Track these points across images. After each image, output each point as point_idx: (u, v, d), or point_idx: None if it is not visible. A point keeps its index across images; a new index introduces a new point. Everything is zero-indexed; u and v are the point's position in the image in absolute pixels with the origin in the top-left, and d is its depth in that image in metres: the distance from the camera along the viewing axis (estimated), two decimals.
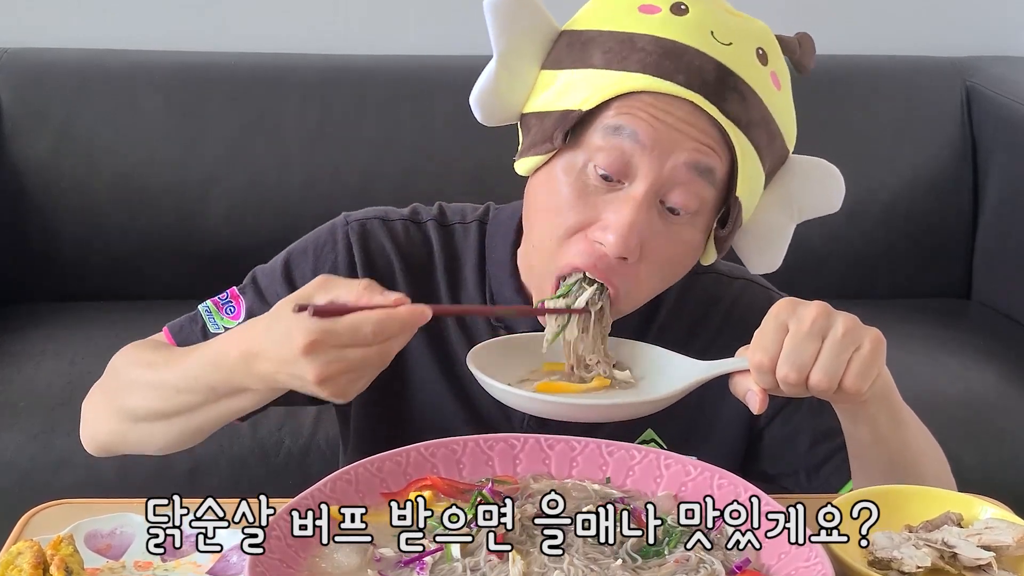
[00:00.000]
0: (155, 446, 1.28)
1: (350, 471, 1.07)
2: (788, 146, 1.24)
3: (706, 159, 1.16)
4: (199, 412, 1.20)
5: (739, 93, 1.16)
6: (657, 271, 1.21)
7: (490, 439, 1.14)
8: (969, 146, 2.78)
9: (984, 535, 1.05)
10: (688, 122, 1.15)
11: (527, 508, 1.04)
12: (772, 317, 1.10)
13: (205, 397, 1.18)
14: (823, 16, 2.92)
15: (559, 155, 1.19)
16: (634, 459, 1.13)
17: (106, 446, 1.33)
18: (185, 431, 1.24)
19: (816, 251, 2.67)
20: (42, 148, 2.55)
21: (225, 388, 1.16)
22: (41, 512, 1.15)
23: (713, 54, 1.16)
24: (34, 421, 2.11)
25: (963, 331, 2.64)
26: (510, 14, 1.19)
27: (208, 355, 1.17)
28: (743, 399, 1.14)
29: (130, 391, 1.26)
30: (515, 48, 1.20)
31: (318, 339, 1.02)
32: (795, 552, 0.99)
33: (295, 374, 1.05)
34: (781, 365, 1.07)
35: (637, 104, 1.15)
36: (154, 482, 2.07)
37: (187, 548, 1.08)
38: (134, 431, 1.27)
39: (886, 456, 1.22)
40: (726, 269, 1.38)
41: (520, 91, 1.23)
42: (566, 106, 1.18)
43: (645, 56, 1.15)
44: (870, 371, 1.08)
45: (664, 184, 1.16)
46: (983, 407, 2.31)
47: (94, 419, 1.33)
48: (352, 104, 2.60)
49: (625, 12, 1.18)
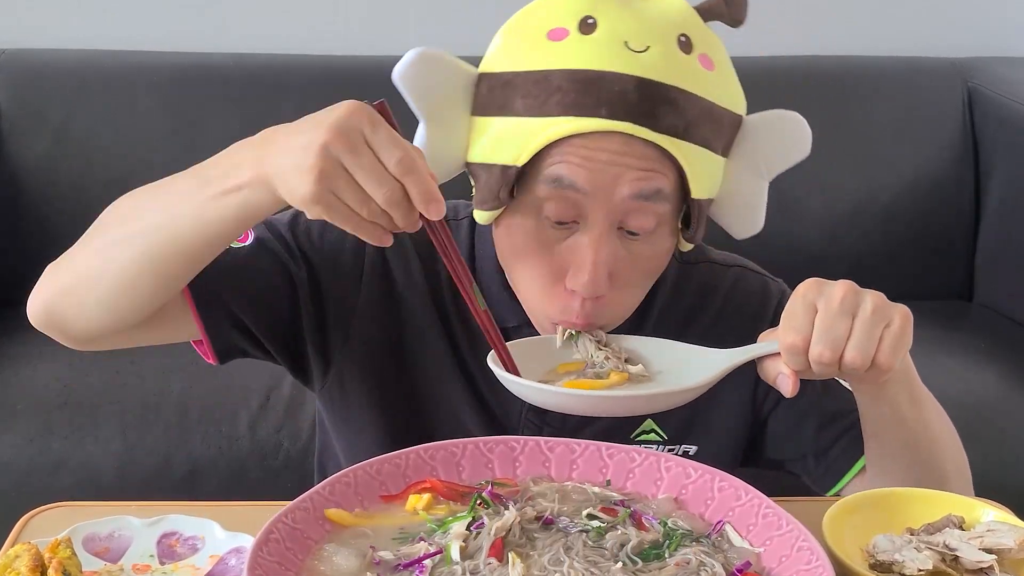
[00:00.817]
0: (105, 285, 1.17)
1: (349, 474, 1.07)
2: (739, 113, 1.22)
3: (650, 184, 1.14)
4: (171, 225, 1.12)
5: (669, 102, 1.14)
6: (635, 286, 1.23)
7: (490, 441, 1.14)
8: (970, 147, 2.78)
9: (986, 538, 1.04)
10: (624, 152, 1.13)
11: (527, 511, 1.03)
12: (800, 297, 1.09)
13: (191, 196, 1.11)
14: (824, 17, 2.92)
15: (511, 209, 1.19)
16: (634, 461, 1.13)
17: (50, 299, 1.23)
18: (146, 254, 1.14)
19: (816, 253, 2.67)
20: (40, 149, 2.55)
21: (218, 181, 1.09)
22: (39, 515, 1.15)
23: (632, 71, 1.13)
24: (31, 423, 2.11)
25: (965, 333, 2.65)
26: (422, 77, 1.18)
27: (232, 147, 1.13)
28: (774, 383, 1.13)
29: (117, 206, 1.21)
30: (439, 107, 1.20)
31: (363, 113, 1.01)
32: (796, 555, 0.98)
33: (310, 136, 1.00)
34: (815, 344, 1.06)
35: (569, 149, 1.14)
36: (152, 484, 2.06)
37: (185, 551, 1.09)
38: (92, 258, 1.19)
39: (905, 436, 1.22)
40: (719, 258, 1.38)
41: (457, 144, 1.22)
42: (503, 161, 1.17)
43: (563, 96, 1.13)
44: (901, 346, 1.08)
45: (616, 216, 1.16)
46: (985, 409, 2.32)
47: (53, 270, 1.25)
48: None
49: (534, 44, 1.17)
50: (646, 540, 1.01)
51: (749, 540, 1.03)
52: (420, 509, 1.05)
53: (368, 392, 1.34)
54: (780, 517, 1.02)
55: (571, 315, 1.20)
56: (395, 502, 1.07)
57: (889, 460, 1.25)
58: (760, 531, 1.03)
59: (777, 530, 1.02)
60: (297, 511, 1.00)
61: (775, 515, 1.03)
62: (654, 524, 1.04)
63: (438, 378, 1.33)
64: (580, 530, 1.02)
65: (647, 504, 1.08)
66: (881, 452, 1.26)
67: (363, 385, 1.34)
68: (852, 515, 1.09)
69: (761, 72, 2.67)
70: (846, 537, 1.06)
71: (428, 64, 1.19)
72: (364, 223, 1.03)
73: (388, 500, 1.07)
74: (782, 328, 1.09)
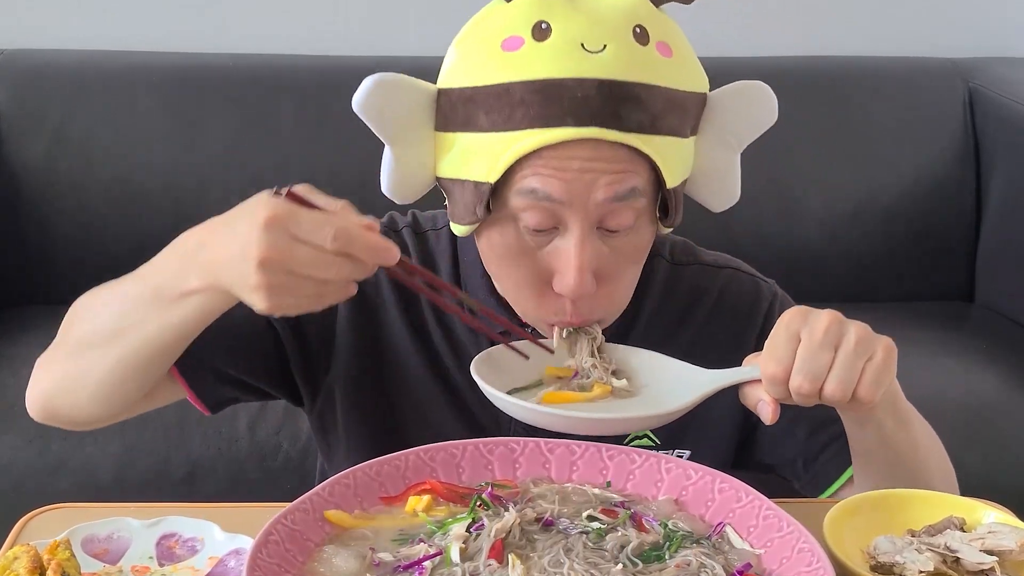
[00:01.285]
0: (92, 387, 1.21)
1: (349, 475, 1.07)
2: (702, 91, 1.20)
3: (624, 185, 1.14)
4: (140, 329, 1.14)
5: (633, 99, 1.12)
6: (623, 277, 1.22)
7: (490, 443, 1.14)
8: (972, 148, 2.78)
9: (987, 539, 1.04)
10: (594, 158, 1.13)
11: (527, 512, 1.03)
12: (783, 327, 1.09)
13: (148, 306, 1.13)
14: (824, 17, 2.92)
15: (489, 222, 1.19)
16: (634, 463, 1.13)
17: (47, 400, 1.27)
18: (123, 360, 1.17)
19: (817, 254, 2.67)
20: (38, 150, 2.55)
21: (169, 290, 1.10)
22: (37, 516, 1.15)
23: (591, 73, 1.12)
24: (30, 425, 2.07)
25: (966, 334, 2.64)
26: (380, 105, 1.18)
27: (167, 251, 1.13)
28: (754, 409, 1.13)
29: (83, 316, 1.23)
30: (402, 129, 1.19)
31: (279, 216, 0.98)
32: (797, 557, 0.98)
33: (242, 253, 1.00)
34: (795, 376, 1.06)
35: (539, 161, 1.13)
36: (151, 486, 2.06)
37: (184, 553, 1.09)
38: (75, 366, 1.22)
39: (891, 457, 1.22)
40: (711, 259, 1.38)
41: (425, 160, 1.21)
42: (474, 177, 1.16)
43: (527, 109, 1.12)
44: (883, 380, 1.08)
45: (595, 218, 1.15)
46: (986, 411, 2.31)
47: (42, 370, 1.29)
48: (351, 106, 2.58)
49: (490, 56, 1.15)
50: (646, 542, 1.01)
51: (750, 542, 1.03)
52: (420, 511, 1.05)
53: (352, 416, 1.34)
54: (781, 519, 1.02)
55: (564, 315, 1.20)
56: (395, 504, 1.07)
57: (876, 477, 1.24)
58: (761, 533, 1.03)
59: (778, 532, 1.02)
60: (296, 512, 1.00)
61: (776, 516, 1.03)
62: (654, 526, 1.04)
63: (421, 394, 1.32)
64: (580, 532, 1.02)
65: (647, 506, 1.08)
66: (868, 470, 1.25)
67: (347, 409, 1.34)
68: (853, 517, 1.08)
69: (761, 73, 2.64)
70: (847, 539, 1.05)
71: (385, 90, 1.19)
72: (327, 298, 1.03)
73: (388, 502, 1.07)
74: (764, 357, 1.09)
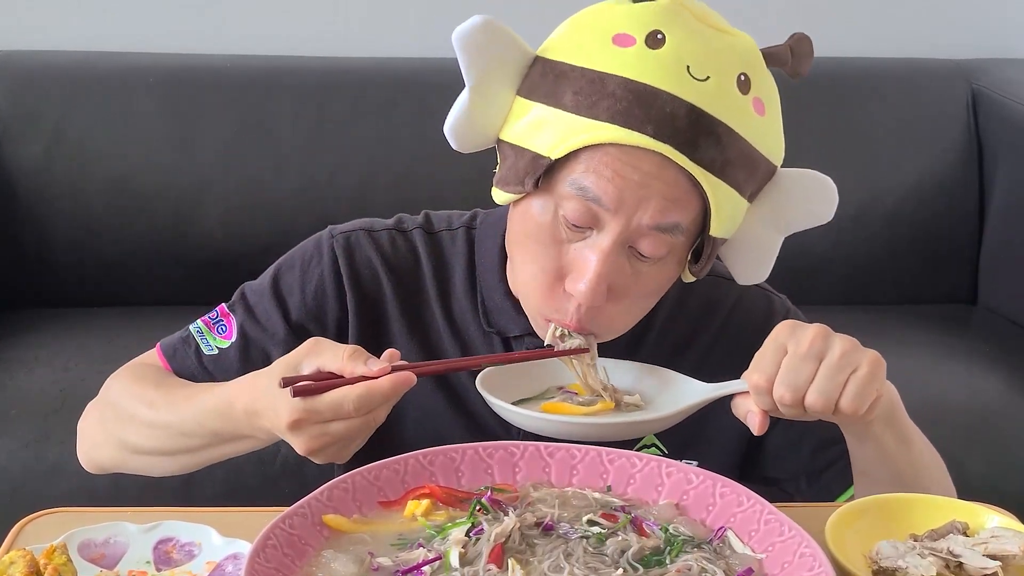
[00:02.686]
0: (156, 473, 1.33)
1: (347, 479, 1.07)
2: (775, 163, 1.22)
3: (670, 217, 1.15)
4: (203, 452, 1.26)
5: (714, 136, 1.13)
6: (632, 306, 1.23)
7: (489, 447, 1.13)
8: (975, 150, 2.77)
9: (990, 544, 1.04)
10: (655, 175, 1.13)
11: (526, 516, 1.03)
12: (771, 339, 1.12)
13: (209, 440, 1.23)
14: (826, 18, 2.92)
15: (531, 196, 1.19)
16: (635, 467, 1.12)
17: (106, 469, 1.36)
18: (188, 465, 1.30)
19: (820, 257, 2.66)
20: (35, 152, 2.54)
21: (229, 435, 1.21)
22: (34, 521, 1.14)
23: (687, 96, 1.12)
24: (27, 429, 2.10)
25: (969, 337, 2.63)
26: (480, 45, 1.17)
27: (211, 403, 1.21)
28: (744, 420, 1.16)
29: (129, 426, 1.29)
30: (488, 78, 1.19)
31: (301, 417, 1.09)
32: (798, 561, 0.98)
33: (285, 440, 1.13)
34: (777, 386, 1.09)
35: (604, 159, 1.13)
36: (148, 491, 2.04)
37: (182, 558, 1.08)
38: (134, 461, 1.32)
39: (891, 473, 1.23)
40: (724, 271, 1.37)
41: (495, 118, 1.21)
42: (537, 148, 1.17)
43: (615, 103, 1.13)
44: (866, 392, 1.09)
45: (631, 236, 1.16)
46: (989, 414, 2.30)
47: (92, 443, 1.35)
48: (350, 107, 2.59)
49: (599, 44, 1.16)
50: (647, 546, 1.01)
51: (751, 546, 1.02)
52: (419, 515, 1.05)
53: None
54: (782, 523, 1.02)
55: (564, 316, 1.20)
56: (394, 508, 1.07)
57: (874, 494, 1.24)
58: (762, 537, 1.02)
59: (779, 536, 1.01)
60: (295, 517, 1.00)
61: (777, 521, 1.02)
62: (655, 530, 1.04)
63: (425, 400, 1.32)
64: (580, 536, 1.02)
65: (648, 510, 1.08)
66: (868, 488, 1.25)
67: None
68: (855, 521, 1.08)
69: None
70: (849, 543, 1.05)
71: (490, 33, 1.18)
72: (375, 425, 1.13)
73: (387, 506, 1.07)
74: (751, 368, 1.12)
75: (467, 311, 1.32)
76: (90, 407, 1.35)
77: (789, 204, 1.22)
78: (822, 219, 1.23)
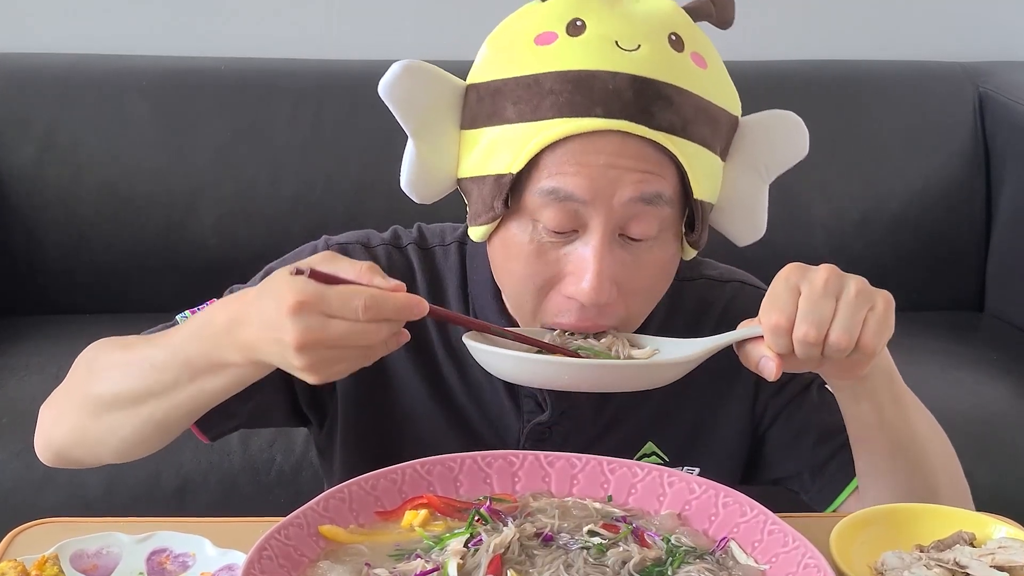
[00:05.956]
0: (116, 444, 1.22)
1: (344, 489, 1.06)
2: (735, 113, 1.21)
3: (651, 186, 1.13)
4: (170, 395, 1.15)
5: (664, 98, 1.12)
6: (642, 295, 1.21)
7: (488, 456, 1.13)
8: (982, 154, 2.77)
9: (997, 555, 1.03)
10: (621, 153, 1.12)
11: (526, 527, 1.02)
12: (782, 280, 1.09)
13: (179, 374, 1.13)
14: (831, 21, 2.92)
15: (506, 219, 1.18)
16: (636, 477, 1.12)
17: (62, 449, 1.27)
18: (150, 421, 1.18)
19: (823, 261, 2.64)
20: (25, 156, 2.53)
21: (203, 361, 1.11)
22: (25, 531, 1.14)
23: (624, 68, 1.12)
24: (18, 438, 2.08)
25: (976, 345, 2.62)
26: (409, 91, 1.17)
27: (193, 325, 1.14)
28: (756, 368, 1.11)
29: (100, 375, 1.22)
30: (427, 121, 1.18)
31: (307, 299, 1.00)
32: (803, 572, 0.97)
33: (277, 336, 1.02)
34: (799, 324, 1.06)
35: (564, 157, 1.12)
36: (141, 500, 2.04)
37: (175, 568, 1.07)
38: (95, 425, 1.22)
39: (890, 439, 1.21)
40: (716, 273, 1.37)
41: (447, 159, 1.20)
42: (496, 170, 1.16)
43: (556, 98, 1.12)
44: (884, 329, 1.09)
45: (617, 222, 1.14)
46: (996, 423, 2.29)
47: (53, 420, 1.28)
48: (345, 111, 2.58)
49: (523, 50, 1.15)
50: (648, 557, 1.00)
51: (754, 557, 1.02)
52: (417, 525, 1.04)
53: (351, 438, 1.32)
54: (786, 533, 1.01)
55: (568, 317, 1.17)
56: (391, 518, 1.06)
57: (877, 468, 1.24)
58: (766, 547, 1.02)
59: (783, 547, 1.01)
60: (290, 527, 0.99)
61: (781, 531, 1.02)
62: (657, 541, 1.03)
63: (422, 414, 1.31)
64: (581, 547, 1.01)
65: (649, 520, 1.07)
66: (868, 460, 1.24)
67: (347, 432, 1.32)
68: (860, 531, 1.08)
69: (767, 77, 2.66)
70: (854, 554, 1.05)
71: (414, 76, 1.17)
72: (375, 354, 1.06)
73: (384, 516, 1.06)
74: (764, 309, 1.09)
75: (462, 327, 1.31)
76: (56, 389, 1.30)
77: (762, 149, 1.21)
78: (799, 155, 1.22)
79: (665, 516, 1.08)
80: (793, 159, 1.22)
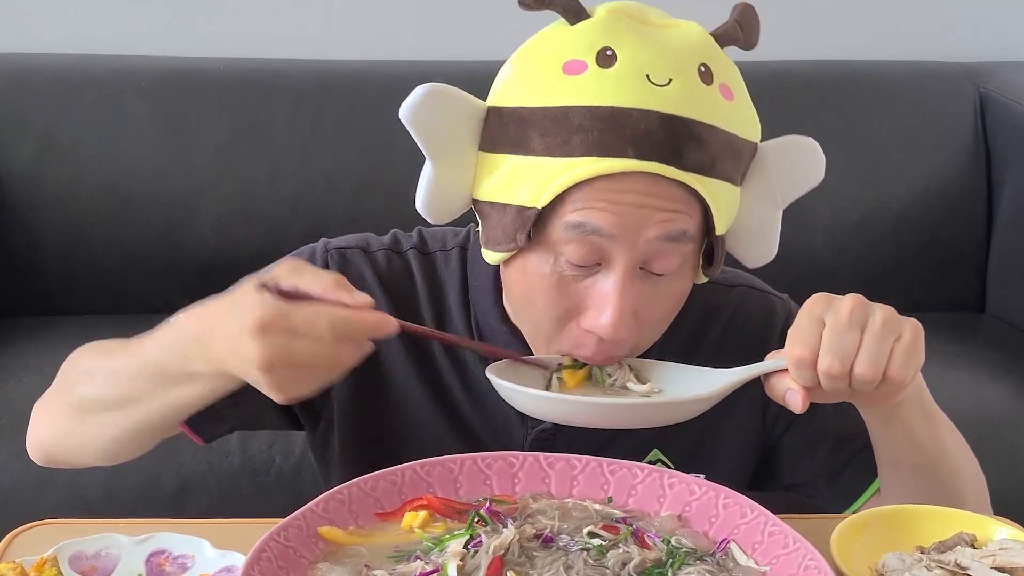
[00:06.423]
0: (101, 447, 1.22)
1: (343, 490, 1.06)
2: (756, 141, 1.20)
3: (677, 225, 1.12)
4: (147, 401, 1.14)
5: (694, 138, 1.11)
6: (656, 324, 1.20)
7: (488, 457, 1.13)
8: (983, 154, 2.76)
9: (999, 556, 1.03)
10: (650, 193, 1.11)
11: (526, 528, 1.02)
12: (807, 312, 1.08)
13: (156, 382, 1.13)
14: (832, 21, 2.92)
15: (525, 250, 1.16)
16: (636, 478, 1.12)
17: (50, 449, 1.27)
18: (130, 427, 1.17)
19: (825, 263, 2.65)
20: (24, 157, 2.52)
21: (176, 371, 1.10)
22: (24, 532, 1.14)
23: (656, 106, 1.10)
24: (17, 439, 2.05)
25: (977, 346, 2.61)
26: (431, 115, 1.15)
27: (170, 334, 1.13)
28: (782, 400, 1.11)
29: (83, 380, 1.22)
30: (448, 145, 1.17)
31: (270, 319, 0.98)
32: (803, 574, 0.97)
33: (241, 354, 1.00)
34: (823, 356, 1.05)
35: (593, 194, 1.11)
36: (141, 502, 2.04)
37: (174, 570, 1.08)
38: (81, 427, 1.22)
39: (921, 459, 1.21)
40: (723, 278, 1.36)
41: (465, 181, 1.19)
42: (519, 201, 1.14)
43: (586, 135, 1.10)
44: (913, 359, 1.07)
45: (640, 258, 1.13)
46: (998, 424, 2.29)
47: (43, 420, 1.28)
48: (345, 111, 2.57)
49: (551, 78, 1.13)
50: (648, 559, 1.00)
51: (755, 558, 1.01)
52: (416, 527, 1.04)
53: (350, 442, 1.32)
54: (787, 535, 1.01)
55: (587, 351, 1.17)
56: (390, 520, 1.06)
57: (905, 485, 1.23)
58: (766, 549, 1.02)
59: (784, 548, 1.00)
60: (290, 529, 0.99)
61: (781, 533, 1.02)
62: (657, 542, 1.03)
63: (422, 419, 1.30)
64: (581, 548, 1.01)
65: (650, 522, 1.07)
66: (897, 478, 1.24)
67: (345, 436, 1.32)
68: (861, 533, 1.08)
69: (768, 77, 2.65)
70: (855, 555, 1.04)
71: (436, 100, 1.16)
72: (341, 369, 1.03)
73: (383, 518, 1.06)
74: (789, 342, 1.08)
75: (462, 334, 1.30)
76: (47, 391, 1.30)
77: (778, 176, 1.20)
78: (814, 182, 1.21)
79: (665, 517, 1.08)
80: (808, 186, 1.21)
